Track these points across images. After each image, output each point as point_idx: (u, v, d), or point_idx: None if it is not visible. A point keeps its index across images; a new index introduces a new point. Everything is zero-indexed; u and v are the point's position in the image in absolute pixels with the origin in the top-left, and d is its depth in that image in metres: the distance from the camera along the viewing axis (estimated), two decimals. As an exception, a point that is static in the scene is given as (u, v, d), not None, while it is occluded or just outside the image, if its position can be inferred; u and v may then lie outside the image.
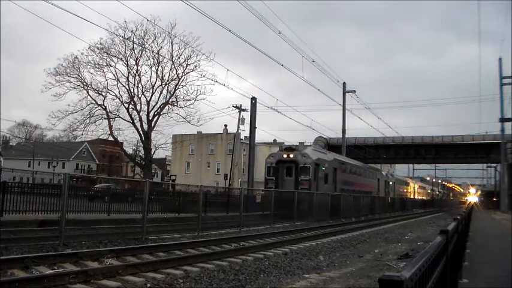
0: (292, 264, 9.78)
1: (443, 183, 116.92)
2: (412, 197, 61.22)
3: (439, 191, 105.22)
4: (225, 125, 60.91)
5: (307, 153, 27.16)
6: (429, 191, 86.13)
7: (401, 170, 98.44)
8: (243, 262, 9.65)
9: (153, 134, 34.84)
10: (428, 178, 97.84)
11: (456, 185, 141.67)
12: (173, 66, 33.88)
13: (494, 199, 62.33)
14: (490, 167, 72.11)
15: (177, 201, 21.10)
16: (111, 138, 37.31)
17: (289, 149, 28.39)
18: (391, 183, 47.25)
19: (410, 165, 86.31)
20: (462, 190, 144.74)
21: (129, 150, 45.96)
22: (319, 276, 8.69)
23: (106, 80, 33.26)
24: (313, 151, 28.99)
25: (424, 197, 73.40)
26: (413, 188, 66.67)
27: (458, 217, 6.21)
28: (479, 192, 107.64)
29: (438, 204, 69.74)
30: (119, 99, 33.95)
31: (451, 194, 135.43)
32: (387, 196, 42.07)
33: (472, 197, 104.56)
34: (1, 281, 6.36)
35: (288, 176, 26.89)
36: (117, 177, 62.09)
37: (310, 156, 26.94)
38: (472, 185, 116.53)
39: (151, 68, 33.78)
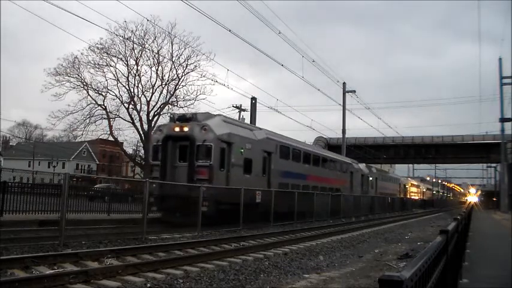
0: (292, 264, 9.78)
1: (443, 183, 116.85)
2: (401, 196, 53.98)
3: (437, 191, 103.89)
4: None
5: (209, 125, 17.22)
6: (424, 190, 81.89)
7: (401, 170, 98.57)
8: (243, 262, 9.65)
9: (153, 134, 34.78)
10: (428, 178, 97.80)
11: (456, 185, 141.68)
12: (173, 66, 33.89)
13: (494, 199, 62.34)
14: (490, 167, 72.16)
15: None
16: (111, 138, 37.39)
17: (183, 118, 18.29)
18: (371, 178, 39.93)
19: (410, 165, 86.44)
20: (462, 190, 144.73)
21: (129, 150, 46.03)
22: (319, 276, 8.69)
23: (106, 80, 33.29)
24: (221, 122, 18.48)
25: (418, 197, 69.10)
26: (404, 186, 60.49)
27: (458, 217, 6.21)
28: (479, 192, 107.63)
29: (438, 205, 69.67)
30: (119, 99, 33.97)
31: (450, 194, 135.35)
32: (364, 195, 34.80)
33: (472, 197, 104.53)
34: (1, 281, 6.36)
35: (181, 160, 17.55)
36: (117, 177, 62.09)
37: (212, 130, 17.09)
38: (472, 185, 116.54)
39: (151, 68, 33.78)
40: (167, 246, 10.72)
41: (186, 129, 17.39)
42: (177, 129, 17.59)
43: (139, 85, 34.05)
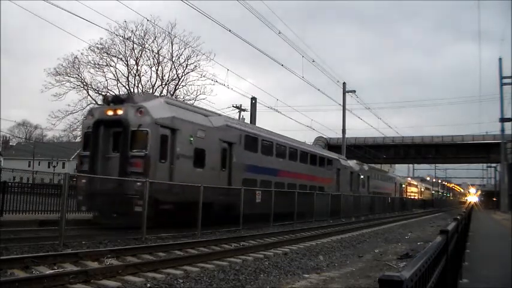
0: (292, 264, 9.78)
1: (443, 183, 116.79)
2: (397, 196, 50.32)
3: (437, 191, 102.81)
4: (225, 125, 60.72)
5: (146, 108, 14.30)
6: (423, 189, 79.30)
7: (401, 170, 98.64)
8: (243, 262, 9.65)
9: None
10: (428, 178, 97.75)
11: (456, 185, 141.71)
12: (173, 66, 33.86)
13: (494, 199, 62.37)
14: (490, 167, 72.24)
15: None
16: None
17: (117, 99, 15.41)
18: (362, 176, 36.82)
19: (410, 165, 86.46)
20: (462, 190, 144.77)
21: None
22: (319, 276, 8.69)
23: (106, 80, 33.22)
24: (163, 104, 15.44)
25: (417, 197, 66.58)
26: (400, 185, 56.97)
27: (458, 217, 6.21)
28: (479, 192, 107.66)
29: (438, 205, 69.66)
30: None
31: (450, 194, 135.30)
32: (354, 194, 31.68)
33: (472, 197, 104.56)
34: (1, 281, 6.36)
35: (115, 150, 14.64)
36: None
37: (150, 113, 14.24)
38: (472, 185, 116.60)
39: (151, 68, 33.74)
40: (167, 246, 10.72)
41: (119, 112, 14.46)
42: (110, 112, 14.71)
43: (139, 85, 34.05)
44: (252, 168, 19.42)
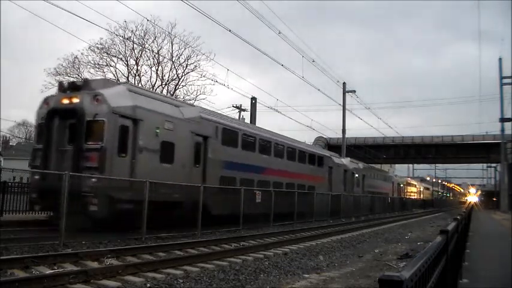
0: (292, 264, 9.78)
1: (443, 183, 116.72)
2: (395, 196, 49.12)
3: (436, 191, 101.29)
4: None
5: (103, 95, 12.96)
6: (422, 189, 78.04)
7: (401, 170, 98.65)
8: (243, 262, 9.65)
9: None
10: (428, 178, 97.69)
11: (456, 185, 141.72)
12: (173, 66, 33.85)
13: (494, 199, 62.37)
14: (490, 167, 72.26)
15: None
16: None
17: (74, 86, 13.95)
18: (357, 175, 35.13)
19: (410, 165, 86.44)
20: (462, 190, 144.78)
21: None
22: (319, 276, 8.69)
23: (105, 80, 33.14)
24: (124, 92, 13.86)
25: (415, 197, 65.48)
26: (398, 185, 55.40)
27: (458, 217, 6.22)
28: (479, 192, 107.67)
29: (438, 205, 69.66)
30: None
31: (450, 194, 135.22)
32: (348, 194, 30.03)
33: (472, 197, 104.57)
34: (1, 281, 6.36)
35: (71, 143, 13.21)
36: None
37: (107, 101, 12.89)
38: (472, 185, 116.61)
39: (151, 68, 33.71)
40: (167, 246, 10.72)
41: (75, 100, 13.10)
42: (65, 101, 13.31)
43: (139, 85, 34.04)
44: (231, 165, 17.65)
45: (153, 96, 15.66)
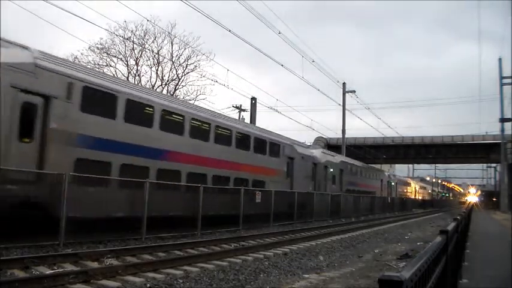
0: (292, 264, 9.78)
1: (443, 183, 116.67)
2: (384, 195, 42.58)
3: (434, 190, 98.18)
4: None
5: None
6: (417, 188, 72.19)
7: (401, 170, 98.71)
8: (242, 262, 9.65)
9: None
10: (428, 178, 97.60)
11: (456, 185, 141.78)
12: (173, 66, 33.85)
13: (494, 199, 62.37)
14: (490, 167, 72.27)
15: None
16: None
17: None
18: (331, 170, 28.94)
19: (410, 165, 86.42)
20: (462, 190, 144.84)
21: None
22: (319, 276, 8.69)
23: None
24: None
25: (407, 196, 58.51)
26: (389, 183, 47.66)
27: (458, 217, 6.22)
28: (479, 192, 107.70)
29: (437, 205, 69.64)
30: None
31: (450, 194, 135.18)
32: (317, 190, 24.82)
33: (472, 197, 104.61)
34: (1, 281, 6.37)
35: None
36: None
37: None
38: (472, 185, 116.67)
39: (151, 68, 33.71)
40: (167, 246, 10.73)
41: None
42: None
43: (139, 85, 34.04)
44: (101, 144, 12.39)
45: None
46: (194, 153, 15.86)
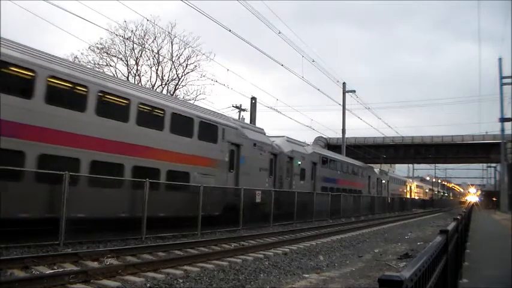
0: (292, 264, 9.78)
1: (443, 183, 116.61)
2: (372, 194, 38.13)
3: (432, 189, 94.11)
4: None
5: None
6: (413, 187, 67.42)
7: (401, 169, 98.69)
8: (242, 262, 9.65)
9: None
10: (428, 178, 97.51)
11: (456, 184, 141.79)
12: (173, 66, 33.85)
13: (494, 199, 62.38)
14: (490, 167, 72.23)
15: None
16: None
17: None
18: (299, 162, 23.88)
19: (410, 165, 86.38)
20: (462, 190, 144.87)
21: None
22: (319, 276, 8.69)
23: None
24: None
25: (401, 196, 53.49)
26: (379, 180, 42.43)
27: (458, 217, 6.22)
28: (479, 192, 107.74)
29: (437, 205, 69.63)
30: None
31: (450, 194, 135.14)
32: (277, 187, 20.88)
33: (472, 196, 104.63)
34: (1, 281, 6.36)
35: None
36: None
37: None
38: (472, 185, 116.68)
39: (151, 68, 33.72)
40: (167, 246, 10.73)
41: None
42: None
43: (139, 85, 34.05)
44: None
45: None
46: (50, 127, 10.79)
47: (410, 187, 65.76)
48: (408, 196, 59.74)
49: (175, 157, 14.57)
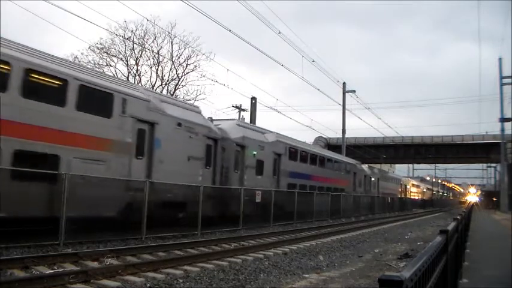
0: (292, 264, 9.78)
1: (443, 183, 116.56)
2: (359, 193, 33.93)
3: (432, 189, 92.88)
4: (225, 125, 60.52)
5: None
6: (408, 186, 63.77)
7: (401, 169, 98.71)
8: (242, 262, 9.65)
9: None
10: (428, 178, 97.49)
11: (456, 184, 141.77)
12: (173, 66, 33.85)
13: (494, 199, 62.38)
14: (490, 167, 72.20)
15: None
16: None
17: None
18: (254, 152, 19.30)
19: (410, 165, 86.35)
20: (462, 190, 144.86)
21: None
22: (318, 276, 8.68)
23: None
24: None
25: (394, 195, 48.73)
26: (367, 178, 37.89)
27: (458, 217, 6.22)
28: (479, 192, 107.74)
29: (437, 204, 69.62)
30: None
31: (450, 194, 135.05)
32: (218, 183, 16.70)
33: (472, 196, 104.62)
34: (1, 281, 6.36)
35: None
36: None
37: None
38: (472, 185, 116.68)
39: (151, 68, 33.70)
40: (167, 246, 10.73)
41: None
42: None
43: (139, 85, 34.05)
44: None
45: None
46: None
47: (406, 186, 61.53)
48: (403, 196, 56.69)
49: (31, 132, 10.17)
